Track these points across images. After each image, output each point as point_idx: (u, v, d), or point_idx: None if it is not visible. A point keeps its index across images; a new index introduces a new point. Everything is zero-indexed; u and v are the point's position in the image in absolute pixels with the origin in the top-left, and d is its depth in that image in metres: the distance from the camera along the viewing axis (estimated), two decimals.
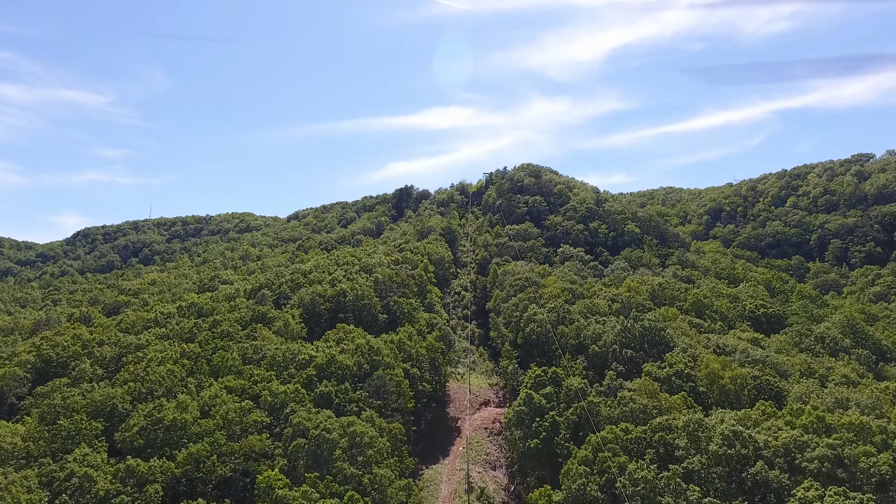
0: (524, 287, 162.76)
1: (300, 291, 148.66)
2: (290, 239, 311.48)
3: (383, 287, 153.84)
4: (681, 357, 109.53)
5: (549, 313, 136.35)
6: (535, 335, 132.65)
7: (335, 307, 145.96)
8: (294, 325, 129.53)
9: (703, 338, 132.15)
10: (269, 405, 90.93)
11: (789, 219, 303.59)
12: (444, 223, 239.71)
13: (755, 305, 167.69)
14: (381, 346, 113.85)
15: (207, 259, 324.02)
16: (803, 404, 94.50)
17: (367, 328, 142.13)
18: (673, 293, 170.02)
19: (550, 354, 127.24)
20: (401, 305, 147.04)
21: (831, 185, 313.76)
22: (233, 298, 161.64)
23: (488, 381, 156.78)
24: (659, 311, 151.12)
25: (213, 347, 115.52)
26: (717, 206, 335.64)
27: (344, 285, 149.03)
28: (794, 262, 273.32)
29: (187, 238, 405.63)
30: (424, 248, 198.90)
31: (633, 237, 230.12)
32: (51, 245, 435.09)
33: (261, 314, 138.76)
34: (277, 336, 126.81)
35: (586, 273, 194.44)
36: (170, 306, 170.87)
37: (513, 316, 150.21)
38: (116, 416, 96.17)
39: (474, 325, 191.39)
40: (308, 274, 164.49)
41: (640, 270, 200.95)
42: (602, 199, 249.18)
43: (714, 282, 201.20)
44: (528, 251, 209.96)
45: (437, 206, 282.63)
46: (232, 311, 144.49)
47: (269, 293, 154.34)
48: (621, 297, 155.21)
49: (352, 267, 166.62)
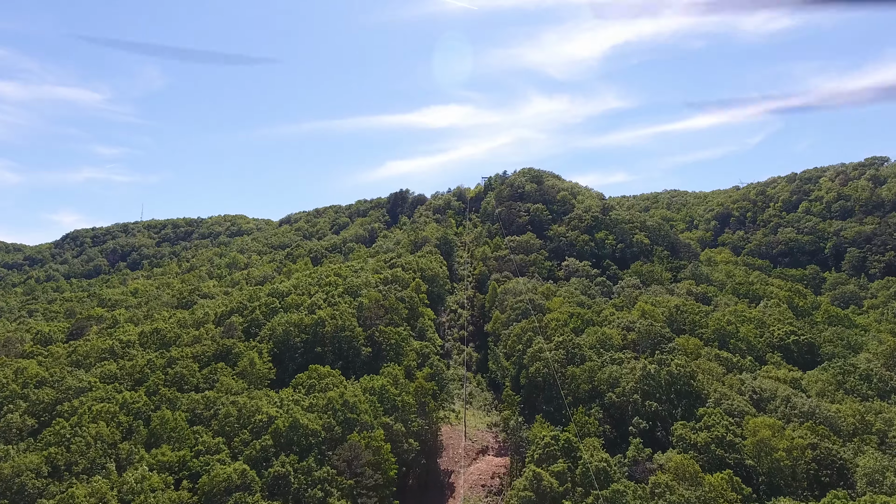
0: (526, 312, 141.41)
1: (273, 320, 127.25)
2: (280, 245, 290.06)
3: (369, 314, 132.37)
4: (719, 417, 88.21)
5: (557, 350, 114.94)
6: (541, 376, 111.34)
7: (313, 339, 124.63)
8: (260, 365, 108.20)
9: (735, 380, 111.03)
10: (205, 496, 69.57)
11: (802, 225, 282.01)
12: (439, 233, 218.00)
13: (783, 332, 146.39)
14: (359, 400, 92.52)
15: (195, 266, 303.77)
16: (875, 488, 73.73)
17: (347, 364, 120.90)
18: (692, 317, 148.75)
19: (559, 402, 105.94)
20: (387, 336, 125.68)
21: (845, 190, 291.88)
22: (202, 324, 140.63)
23: (487, 418, 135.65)
24: (679, 342, 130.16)
25: (159, 401, 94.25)
26: (725, 212, 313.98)
27: (323, 312, 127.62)
28: (808, 272, 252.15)
29: (177, 242, 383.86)
30: (417, 262, 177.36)
31: (642, 248, 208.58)
32: (39, 248, 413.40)
33: (225, 349, 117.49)
34: (240, 380, 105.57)
35: (594, 292, 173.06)
36: (133, 330, 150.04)
37: (515, 348, 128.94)
38: (23, 501, 75.10)
39: (472, 349, 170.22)
40: (285, 297, 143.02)
41: (651, 287, 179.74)
42: (608, 207, 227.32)
43: (731, 299, 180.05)
44: (531, 265, 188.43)
45: (433, 212, 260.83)
46: (194, 344, 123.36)
47: (240, 320, 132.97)
48: (637, 325, 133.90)
49: (334, 289, 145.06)
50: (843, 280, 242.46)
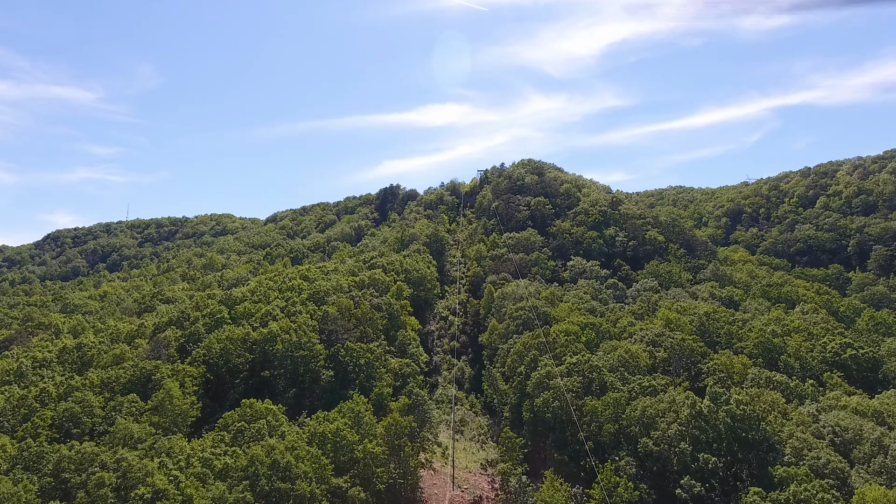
0: (529, 322, 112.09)
1: (212, 335, 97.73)
2: (262, 245, 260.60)
3: (335, 326, 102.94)
4: (812, 485, 58.74)
5: (570, 376, 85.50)
6: (551, 411, 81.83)
7: (262, 359, 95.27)
8: (180, 399, 78.61)
9: (804, 414, 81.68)
10: None
11: (821, 222, 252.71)
12: (429, 230, 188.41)
13: (838, 345, 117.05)
14: (300, 454, 63.03)
15: (172, 267, 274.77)
16: None
17: (302, 392, 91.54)
18: (727, 327, 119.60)
19: (576, 447, 76.54)
20: (355, 355, 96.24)
21: (866, 185, 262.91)
22: (132, 339, 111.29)
23: (481, 453, 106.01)
24: (719, 360, 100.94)
25: (22, 458, 64.82)
26: (736, 208, 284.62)
27: (276, 325, 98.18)
28: (831, 271, 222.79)
29: (160, 241, 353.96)
30: (402, 263, 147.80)
31: (655, 246, 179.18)
32: (19, 249, 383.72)
33: (145, 375, 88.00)
34: (155, 417, 76.17)
35: (606, 296, 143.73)
36: (56, 344, 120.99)
37: (515, 369, 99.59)
38: None
39: (464, 363, 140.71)
40: (236, 305, 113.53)
41: (671, 290, 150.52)
42: (617, 201, 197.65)
43: (762, 303, 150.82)
44: (532, 266, 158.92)
45: (424, 208, 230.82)
46: (113, 366, 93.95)
47: (175, 335, 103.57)
48: (665, 340, 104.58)
49: (296, 294, 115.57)
50: (871, 280, 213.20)
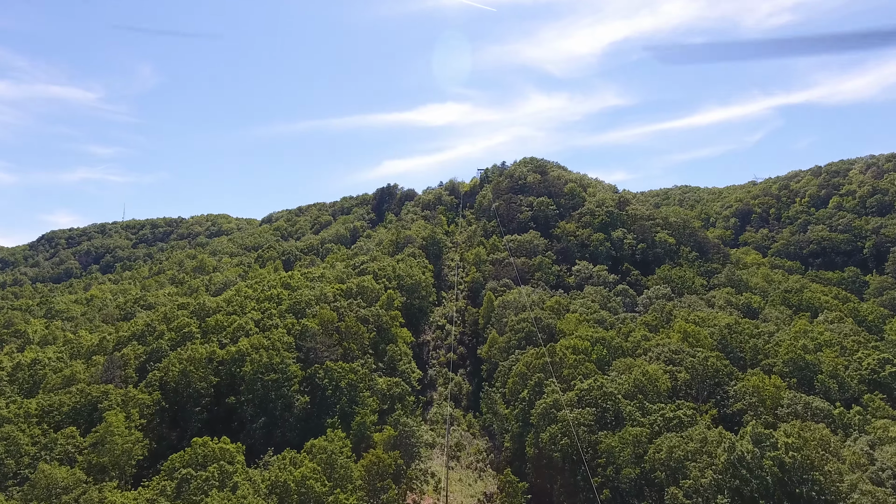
0: (532, 337, 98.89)
1: (173, 354, 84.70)
2: (255, 247, 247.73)
3: (314, 343, 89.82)
4: None
5: (581, 407, 72.19)
6: (559, 450, 68.51)
7: (228, 383, 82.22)
8: (122, 436, 65.57)
9: (857, 452, 68.34)
10: None
11: (835, 222, 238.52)
12: (426, 231, 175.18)
13: (875, 361, 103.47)
14: None
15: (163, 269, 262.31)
16: None
17: (273, 422, 78.48)
18: (752, 341, 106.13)
19: (589, 494, 63.28)
20: (335, 377, 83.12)
21: (881, 184, 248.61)
22: (91, 355, 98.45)
23: (479, 484, 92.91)
24: (749, 382, 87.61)
25: None
26: (745, 208, 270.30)
27: (246, 342, 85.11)
28: (847, 274, 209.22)
29: (155, 242, 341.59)
30: (395, 268, 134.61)
31: (666, 249, 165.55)
32: (13, 250, 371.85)
33: (91, 402, 75.10)
34: (87, 459, 63.23)
35: (615, 304, 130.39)
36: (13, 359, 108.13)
37: (518, 393, 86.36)
38: None
39: (462, 377, 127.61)
40: (207, 316, 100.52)
41: (685, 297, 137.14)
42: (624, 201, 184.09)
43: (783, 311, 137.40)
44: (535, 270, 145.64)
45: (421, 208, 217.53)
46: (58, 392, 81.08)
47: (137, 351, 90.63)
48: (685, 358, 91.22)
49: (275, 305, 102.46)
50: (890, 284, 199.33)
